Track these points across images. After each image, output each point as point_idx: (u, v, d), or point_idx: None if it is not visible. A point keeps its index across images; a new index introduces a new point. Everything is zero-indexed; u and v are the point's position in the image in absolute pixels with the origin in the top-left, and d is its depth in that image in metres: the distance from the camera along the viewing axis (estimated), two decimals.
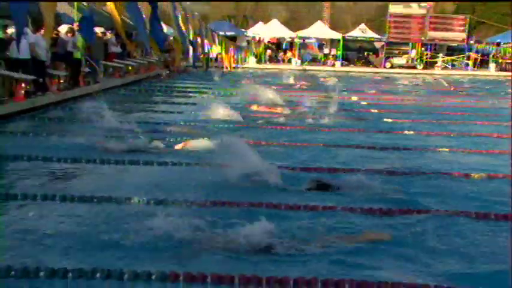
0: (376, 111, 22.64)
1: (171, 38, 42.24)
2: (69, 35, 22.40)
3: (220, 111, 19.19)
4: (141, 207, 9.03)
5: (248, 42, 57.61)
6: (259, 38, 58.33)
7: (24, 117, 17.29)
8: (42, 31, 19.17)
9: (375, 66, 54.84)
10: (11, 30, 19.09)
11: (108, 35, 28.70)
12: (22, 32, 15.65)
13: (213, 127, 17.08)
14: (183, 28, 35.68)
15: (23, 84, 18.74)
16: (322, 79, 40.97)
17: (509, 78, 44.94)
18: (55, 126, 16.65)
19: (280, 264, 7.07)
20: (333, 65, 54.86)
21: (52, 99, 20.29)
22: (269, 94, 24.02)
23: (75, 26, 23.08)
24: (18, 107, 17.78)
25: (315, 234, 7.88)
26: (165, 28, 41.11)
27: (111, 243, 7.46)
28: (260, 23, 61.40)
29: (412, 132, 17.35)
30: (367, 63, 56.32)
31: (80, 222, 8.27)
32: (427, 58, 55.53)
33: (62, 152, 12.67)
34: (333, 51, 57.44)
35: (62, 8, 21.20)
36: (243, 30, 61.22)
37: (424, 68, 53.93)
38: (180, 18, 34.15)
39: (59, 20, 21.24)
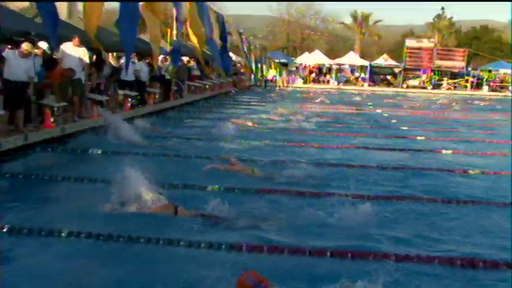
0: (395, 121, 22.58)
1: (238, 64, 42.60)
2: (164, 62, 22.85)
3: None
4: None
5: (297, 67, 57.65)
6: (305, 64, 58.35)
7: (130, 124, 17.61)
8: (146, 60, 19.76)
9: (394, 87, 54.42)
10: (121, 61, 19.53)
11: (192, 62, 29.06)
12: (129, 61, 16.13)
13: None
14: (249, 57, 36.10)
15: (129, 99, 19.18)
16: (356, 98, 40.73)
17: (499, 97, 44.61)
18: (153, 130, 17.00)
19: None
20: (362, 85, 54.65)
21: (150, 109, 20.65)
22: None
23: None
24: (126, 116, 18.15)
25: None
26: (234, 57, 41.51)
27: None
28: (306, 53, 61.34)
29: (422, 137, 17.32)
30: (388, 84, 55.90)
31: None
32: (435, 81, 54.99)
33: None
34: (362, 75, 57.19)
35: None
36: (293, 58, 61.22)
37: (432, 89, 53.35)
38: (246, 50, 34.47)
39: None
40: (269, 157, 12.52)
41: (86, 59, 15.44)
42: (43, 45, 14.90)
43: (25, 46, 12.57)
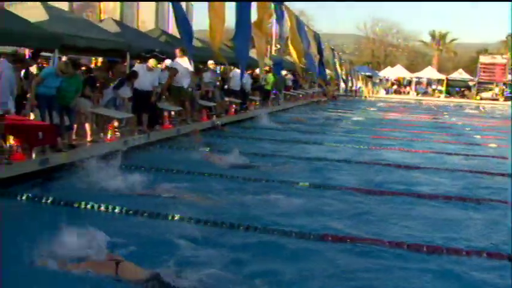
0: (468, 129, 21.66)
1: (328, 76, 42.27)
2: (264, 73, 22.94)
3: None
4: None
5: (380, 80, 56.53)
6: (388, 77, 57.14)
7: (233, 126, 17.84)
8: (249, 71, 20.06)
9: (468, 98, 52.13)
10: (231, 74, 19.84)
11: (289, 75, 29.07)
12: (243, 74, 16.54)
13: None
14: (339, 70, 35.87)
15: (234, 105, 19.43)
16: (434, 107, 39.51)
17: None
18: (253, 131, 17.24)
19: None
20: (438, 97, 52.75)
21: (250, 114, 20.77)
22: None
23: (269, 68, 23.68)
24: (230, 119, 18.44)
25: None
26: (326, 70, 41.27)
27: None
28: (389, 67, 60.06)
29: (494, 145, 16.50)
30: (463, 96, 53.62)
31: None
32: (507, 93, 52.33)
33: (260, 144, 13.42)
34: (439, 87, 55.23)
35: None
36: (377, 71, 60.09)
37: (504, 100, 50.71)
38: (337, 64, 34.26)
39: None
40: (356, 158, 12.49)
41: (190, 68, 15.57)
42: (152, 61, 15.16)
43: (152, 62, 13.04)
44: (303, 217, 7.34)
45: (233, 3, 14.73)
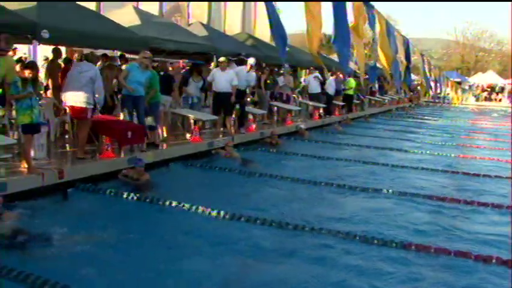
0: None
1: (415, 82, 41.12)
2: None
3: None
4: None
5: (470, 86, 54.31)
6: (478, 83, 54.74)
7: (317, 130, 17.67)
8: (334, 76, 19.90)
9: None
10: (307, 78, 19.79)
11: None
12: (346, 78, 16.43)
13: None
14: (428, 76, 34.89)
15: (317, 110, 19.25)
16: None
17: None
18: (340, 135, 17.08)
19: None
20: None
21: (335, 119, 20.44)
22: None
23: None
24: (315, 124, 18.31)
25: None
26: (413, 76, 40.14)
27: None
28: (479, 73, 57.53)
29: None
30: None
31: None
32: None
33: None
34: None
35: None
36: (466, 77, 57.77)
37: None
38: (426, 69, 33.31)
39: None
40: (442, 166, 12.10)
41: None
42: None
43: (223, 59, 12.92)
44: (385, 224, 7.16)
45: (329, 7, 14.77)
